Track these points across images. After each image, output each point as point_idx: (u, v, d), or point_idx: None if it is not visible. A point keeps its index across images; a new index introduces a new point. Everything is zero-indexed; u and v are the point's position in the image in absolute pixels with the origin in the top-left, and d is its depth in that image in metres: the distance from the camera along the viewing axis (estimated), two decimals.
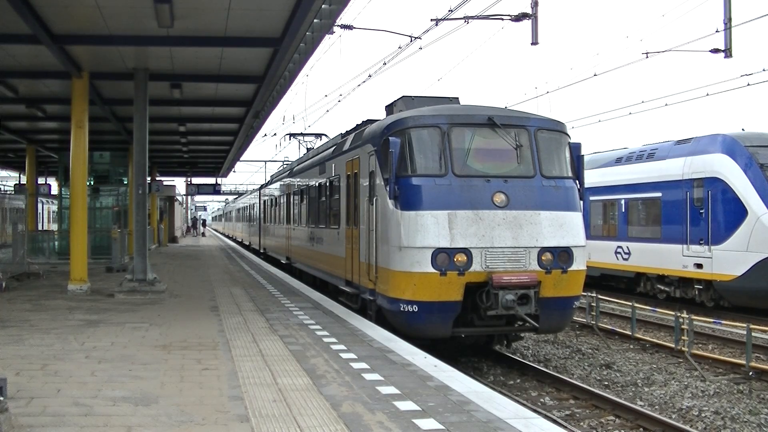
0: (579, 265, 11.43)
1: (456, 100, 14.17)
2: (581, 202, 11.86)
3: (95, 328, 10.76)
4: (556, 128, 12.17)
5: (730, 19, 18.05)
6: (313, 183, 19.04)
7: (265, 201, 33.27)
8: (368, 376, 7.49)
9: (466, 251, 10.81)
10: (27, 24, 11.87)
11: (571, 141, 12.21)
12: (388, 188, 11.32)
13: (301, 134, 31.56)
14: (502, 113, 12.16)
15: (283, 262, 25.34)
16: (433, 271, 10.72)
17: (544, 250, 11.11)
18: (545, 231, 11.16)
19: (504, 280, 10.75)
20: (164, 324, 11.23)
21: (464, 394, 6.75)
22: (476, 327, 11.36)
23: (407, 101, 13.98)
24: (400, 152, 11.29)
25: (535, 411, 8.72)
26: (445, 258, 10.76)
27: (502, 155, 11.66)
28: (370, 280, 12.27)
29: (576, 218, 11.59)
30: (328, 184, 16.91)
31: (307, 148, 29.18)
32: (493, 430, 5.67)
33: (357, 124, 16.68)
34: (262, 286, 17.57)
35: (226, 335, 10.12)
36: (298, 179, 22.40)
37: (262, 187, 37.43)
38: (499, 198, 11.12)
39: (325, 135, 28.64)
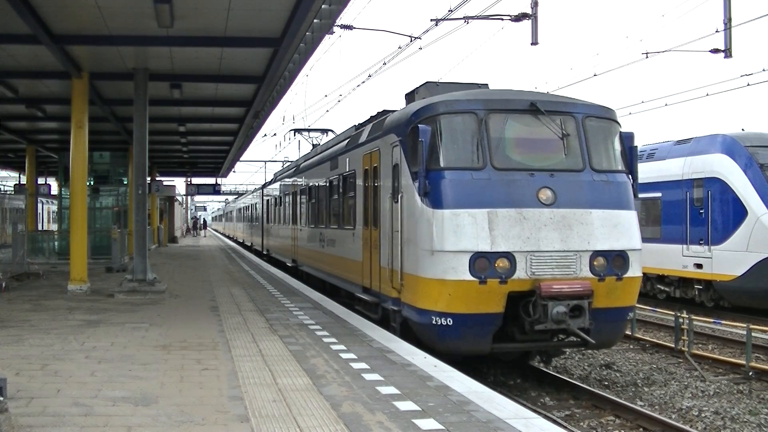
0: (635, 271, 10.21)
1: (485, 86, 12.83)
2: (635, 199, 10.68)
3: (95, 328, 10.76)
4: (606, 115, 10.90)
5: (730, 19, 18.06)
6: (323, 180, 17.67)
7: (268, 200, 31.93)
8: (368, 376, 7.49)
9: (508, 256, 9.56)
10: (27, 24, 11.87)
11: (623, 130, 11.03)
12: (416, 183, 10.10)
13: (307, 130, 30.05)
14: (546, 98, 10.87)
15: (289, 264, 23.90)
16: (471, 278, 9.48)
17: (596, 254, 9.87)
18: (597, 232, 9.93)
19: (554, 290, 9.46)
20: (164, 324, 11.23)
21: (464, 394, 6.75)
22: (518, 342, 10.16)
23: (431, 87, 12.52)
24: (431, 142, 10.02)
25: (535, 411, 8.72)
26: (484, 264, 9.51)
27: (546, 146, 10.40)
28: (394, 288, 11.01)
29: (631, 217, 10.35)
30: (340, 180, 15.54)
31: (313, 145, 27.90)
32: (493, 430, 5.67)
33: (372, 116, 15.47)
34: (261, 286, 17.57)
35: (226, 335, 10.12)
36: (305, 176, 20.91)
37: (264, 185, 35.77)
38: (545, 194, 9.90)
39: (332, 131, 27.45)
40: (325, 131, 28.29)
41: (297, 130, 30.49)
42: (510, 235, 9.62)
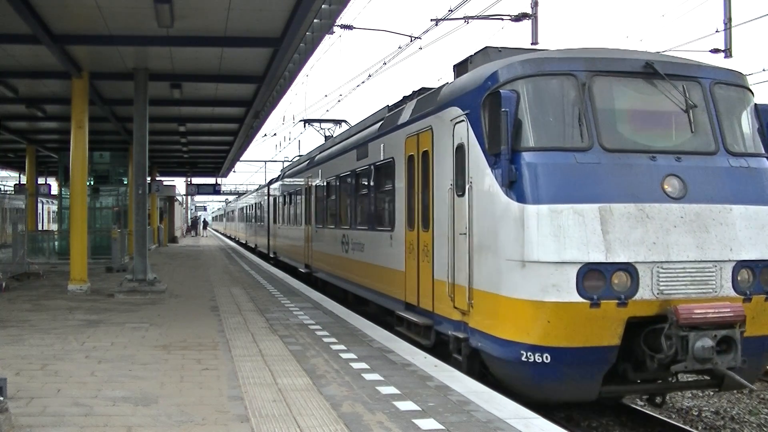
0: None
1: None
2: None
3: (95, 328, 10.76)
4: (738, 82, 8.56)
5: (730, 19, 18.06)
6: (347, 172, 15.27)
7: (275, 198, 29.36)
8: (368, 376, 7.48)
9: (628, 268, 7.29)
10: (27, 24, 11.88)
11: (758, 102, 8.67)
12: (496, 170, 7.78)
13: (318, 121, 27.08)
14: (662, 59, 8.46)
15: (302, 270, 21.13)
16: (580, 300, 7.19)
17: (741, 265, 7.60)
18: (741, 236, 7.63)
19: (697, 315, 7.12)
20: (164, 324, 11.23)
21: (464, 394, 6.74)
22: (632, 384, 7.98)
23: (492, 53, 9.82)
24: (517, 114, 7.73)
25: (535, 411, 8.72)
26: (597, 279, 7.24)
27: (668, 120, 8.17)
28: (457, 309, 8.79)
29: None
30: (372, 171, 13.15)
31: (325, 137, 25.33)
32: (493, 430, 5.66)
33: (404, 96, 13.18)
34: (262, 286, 17.57)
35: (226, 335, 10.12)
36: (321, 170, 18.46)
37: (271, 182, 32.62)
38: (672, 185, 7.63)
39: (345, 121, 25.12)
40: (338, 122, 26.08)
41: (307, 121, 28.17)
42: (630, 239, 7.33)
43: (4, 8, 11.02)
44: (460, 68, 10.50)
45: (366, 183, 13.76)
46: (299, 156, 30.04)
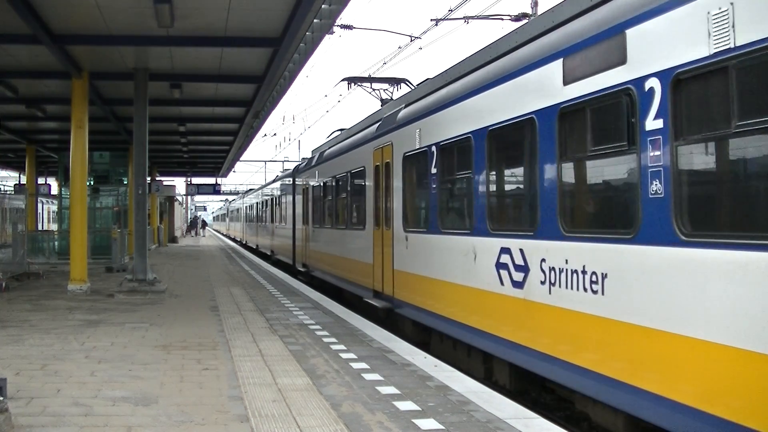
0: None
1: None
2: None
3: (95, 328, 10.76)
4: None
5: None
6: (513, 118, 7.71)
7: (306, 190, 22.01)
8: (368, 376, 7.48)
9: None
10: (27, 24, 11.88)
11: None
12: None
13: (369, 80, 19.47)
14: None
15: (370, 301, 13.34)
16: None
17: None
18: None
19: None
20: (164, 324, 11.23)
21: (464, 394, 6.74)
22: None
23: None
24: None
25: (535, 411, 8.71)
26: None
27: None
28: None
29: None
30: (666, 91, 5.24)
31: (381, 100, 18.38)
32: (493, 430, 5.66)
33: None
34: (261, 286, 17.57)
35: (226, 335, 10.12)
36: (421, 129, 10.81)
37: (298, 170, 24.83)
38: None
39: (407, 81, 18.05)
40: (397, 81, 18.61)
41: (352, 80, 19.79)
42: None
43: (4, 8, 11.02)
44: None
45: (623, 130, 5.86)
46: (340, 130, 21.51)
